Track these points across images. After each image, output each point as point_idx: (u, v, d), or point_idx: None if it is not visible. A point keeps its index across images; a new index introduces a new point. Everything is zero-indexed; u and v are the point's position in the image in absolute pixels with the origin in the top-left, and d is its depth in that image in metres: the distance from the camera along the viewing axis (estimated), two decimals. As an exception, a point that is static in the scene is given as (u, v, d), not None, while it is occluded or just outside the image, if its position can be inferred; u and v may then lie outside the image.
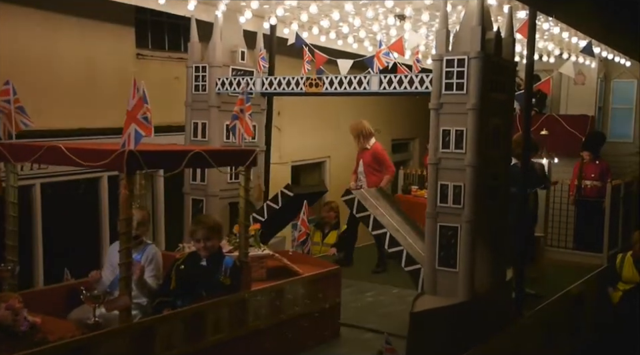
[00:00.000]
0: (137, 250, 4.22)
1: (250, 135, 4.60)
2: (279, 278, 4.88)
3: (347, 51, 8.33)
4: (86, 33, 7.18)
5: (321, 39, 8.09)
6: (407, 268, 5.47)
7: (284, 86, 5.94)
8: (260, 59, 6.34)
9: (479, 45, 4.98)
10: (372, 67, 5.59)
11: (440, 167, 5.19)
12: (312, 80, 5.77)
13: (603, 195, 9.08)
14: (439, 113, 5.16)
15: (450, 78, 5.09)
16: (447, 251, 5.16)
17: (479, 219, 5.10)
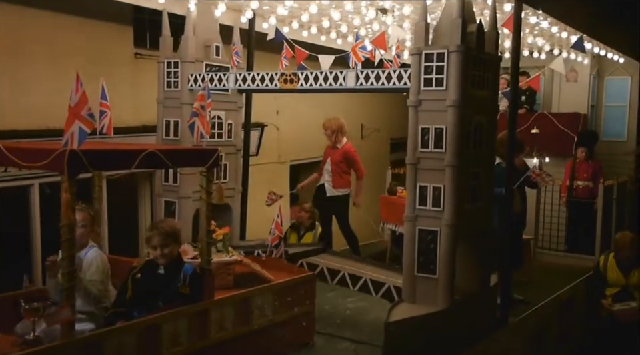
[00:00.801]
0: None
1: (208, 133, 4.32)
2: (248, 285, 4.61)
3: (332, 46, 8.07)
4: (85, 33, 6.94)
5: (302, 35, 7.82)
6: (379, 295, 5.23)
7: (258, 82, 5.66)
8: (233, 53, 6.06)
9: (459, 38, 4.71)
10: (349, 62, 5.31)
11: (419, 168, 4.92)
12: (287, 76, 5.49)
13: (596, 196, 8.84)
14: (418, 110, 4.89)
15: (429, 73, 4.81)
16: (426, 256, 4.89)
17: (460, 222, 4.83)
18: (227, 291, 4.45)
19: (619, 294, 7.06)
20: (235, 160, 6.59)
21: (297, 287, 4.84)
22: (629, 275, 7.06)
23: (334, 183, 7.34)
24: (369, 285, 5.31)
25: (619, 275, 7.12)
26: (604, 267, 7.32)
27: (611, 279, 7.20)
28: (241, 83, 5.74)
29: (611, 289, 7.23)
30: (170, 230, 3.98)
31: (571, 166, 9.19)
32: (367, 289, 5.32)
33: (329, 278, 5.49)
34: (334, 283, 5.49)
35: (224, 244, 4.78)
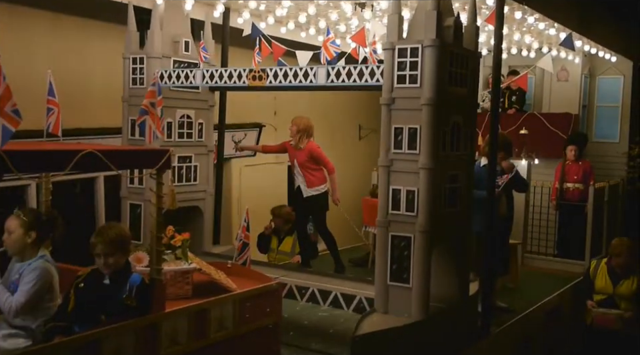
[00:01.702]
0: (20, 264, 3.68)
1: (161, 132, 4.02)
2: (208, 295, 4.30)
3: (312, 43, 7.77)
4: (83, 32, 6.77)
5: (281, 31, 7.54)
6: (350, 308, 4.97)
7: (226, 79, 5.37)
8: (200, 49, 5.76)
9: (434, 32, 4.42)
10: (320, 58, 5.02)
11: (392, 170, 4.63)
12: (255, 73, 5.20)
13: (586, 199, 8.54)
14: (391, 108, 4.61)
15: (402, 69, 4.53)
16: (399, 264, 4.60)
17: (435, 227, 4.54)
18: (184, 302, 4.14)
19: (603, 303, 6.77)
20: (206, 161, 6.31)
21: (262, 296, 4.52)
22: (618, 284, 6.76)
23: (308, 183, 7.03)
24: (339, 299, 5.03)
25: (608, 283, 6.82)
26: (594, 273, 7.02)
27: (599, 286, 6.90)
28: (208, 79, 5.45)
29: (597, 297, 6.94)
30: (116, 237, 3.67)
31: (561, 168, 8.89)
32: (337, 303, 5.05)
33: (298, 296, 5.21)
34: (304, 301, 5.20)
35: (183, 251, 4.47)
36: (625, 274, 6.79)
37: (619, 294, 6.77)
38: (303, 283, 5.22)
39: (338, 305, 5.03)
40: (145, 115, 3.92)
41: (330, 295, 5.07)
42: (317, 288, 5.12)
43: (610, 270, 6.83)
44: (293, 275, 5.50)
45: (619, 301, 6.80)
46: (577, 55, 9.50)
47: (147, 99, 3.99)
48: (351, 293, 5.00)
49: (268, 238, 7.82)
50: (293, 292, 5.22)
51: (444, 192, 4.68)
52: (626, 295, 6.76)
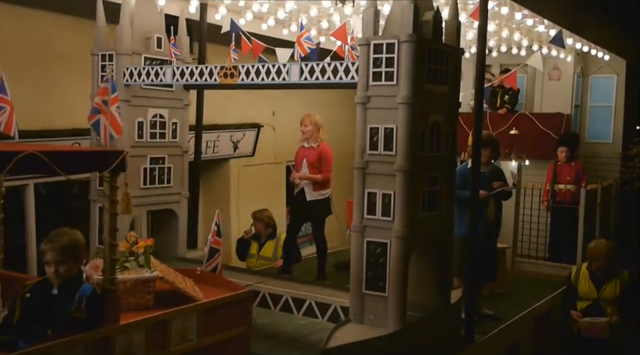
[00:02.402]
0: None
1: (119, 132, 3.78)
2: (172, 305, 4.06)
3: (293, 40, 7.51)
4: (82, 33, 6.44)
5: (262, 28, 7.31)
6: (325, 317, 4.73)
7: (196, 76, 5.12)
8: (171, 45, 5.51)
9: (411, 27, 4.18)
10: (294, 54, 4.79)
11: (367, 172, 4.39)
12: (227, 70, 4.96)
13: (578, 201, 8.31)
14: (366, 107, 4.37)
15: (378, 66, 4.28)
16: (375, 271, 4.36)
17: (414, 233, 4.30)
18: (144, 313, 3.90)
19: (589, 309, 6.55)
20: (180, 162, 6.06)
21: (230, 305, 4.29)
22: (602, 288, 6.53)
23: (314, 187, 6.76)
24: (314, 308, 4.78)
25: (591, 288, 6.59)
26: (575, 279, 6.79)
27: (582, 292, 6.67)
28: (179, 77, 5.20)
29: (581, 303, 6.70)
30: (68, 244, 3.43)
31: (553, 169, 8.66)
32: (312, 312, 4.80)
33: (272, 304, 4.96)
34: (277, 310, 4.95)
35: (146, 258, 4.23)
36: (607, 277, 6.59)
37: (604, 298, 6.57)
38: (276, 290, 4.98)
39: (312, 314, 4.79)
40: (98, 113, 3.67)
41: (304, 303, 4.82)
42: (290, 296, 4.88)
43: (591, 275, 6.62)
44: (268, 282, 5.26)
45: (605, 305, 6.59)
46: (568, 54, 9.27)
47: (99, 96, 3.74)
48: (326, 301, 4.76)
49: (247, 243, 7.58)
50: (267, 300, 4.98)
51: (423, 195, 4.43)
52: (611, 298, 6.55)
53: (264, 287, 5.07)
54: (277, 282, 5.27)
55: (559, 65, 9.48)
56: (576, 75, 9.55)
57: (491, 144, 6.21)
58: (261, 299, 5.01)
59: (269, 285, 5.12)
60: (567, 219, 8.44)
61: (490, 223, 6.15)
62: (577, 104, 9.71)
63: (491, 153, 6.18)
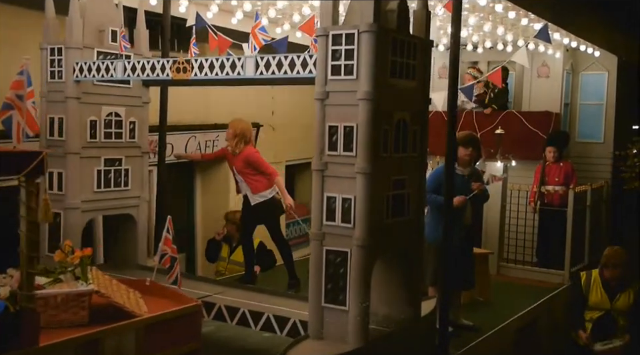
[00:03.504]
0: None
1: (35, 129, 3.41)
2: (108, 322, 3.70)
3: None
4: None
5: (232, 22, 6.95)
6: (284, 332, 4.37)
7: (148, 71, 4.76)
8: (121, 37, 5.15)
9: (372, 16, 3.81)
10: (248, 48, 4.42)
11: (326, 175, 4.02)
12: (179, 64, 4.59)
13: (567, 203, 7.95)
14: (325, 104, 4.00)
15: (337, 59, 3.92)
16: (335, 283, 3.99)
17: (377, 241, 3.94)
18: (77, 331, 3.54)
19: (601, 320, 6.17)
20: (139, 164, 5.70)
21: (176, 321, 3.92)
22: (615, 298, 6.17)
23: (253, 189, 6.42)
24: (272, 322, 4.42)
25: (604, 298, 6.22)
26: (586, 287, 6.40)
27: (594, 301, 6.29)
28: (130, 72, 4.83)
29: (591, 313, 6.32)
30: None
31: (541, 170, 8.30)
32: (270, 327, 4.44)
33: (228, 318, 4.60)
34: (234, 324, 4.59)
35: (82, 269, 3.86)
36: (621, 287, 6.22)
37: (617, 309, 6.20)
38: (233, 303, 4.61)
39: (271, 328, 4.43)
40: (10, 109, 3.31)
41: (262, 317, 4.46)
42: (248, 309, 4.52)
43: (604, 283, 6.24)
44: (227, 292, 4.90)
45: (617, 316, 6.23)
46: (557, 50, 8.91)
47: (12, 90, 3.37)
48: (284, 315, 4.40)
49: (218, 245, 7.22)
50: (222, 314, 4.61)
51: (387, 200, 4.07)
52: (624, 310, 6.19)
53: (220, 298, 4.71)
54: (236, 293, 4.91)
55: (547, 61, 9.11)
56: (565, 72, 9.17)
57: (473, 143, 5.85)
58: (216, 312, 4.65)
59: (227, 297, 4.76)
60: (556, 222, 8.08)
61: (467, 228, 5.79)
62: (566, 102, 9.34)
63: (472, 153, 5.83)
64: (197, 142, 8.76)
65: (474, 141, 5.88)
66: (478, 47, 8.58)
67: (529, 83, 9.31)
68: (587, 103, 9.44)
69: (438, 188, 5.39)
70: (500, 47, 8.47)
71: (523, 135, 8.71)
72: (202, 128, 8.37)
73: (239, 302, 4.61)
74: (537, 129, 8.68)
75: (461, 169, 5.81)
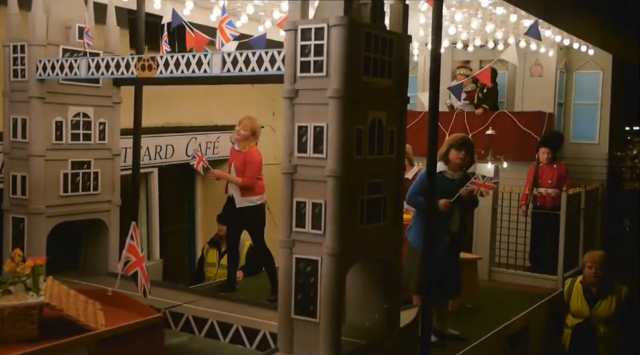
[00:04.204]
0: None
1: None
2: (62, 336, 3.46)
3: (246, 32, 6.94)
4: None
5: (211, 19, 6.71)
6: (254, 345, 4.14)
7: (112, 69, 4.52)
8: (85, 34, 4.91)
9: (342, 9, 3.57)
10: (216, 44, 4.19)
11: (295, 178, 3.78)
12: (144, 61, 4.35)
13: (561, 206, 7.71)
14: (294, 103, 3.76)
15: (306, 55, 3.68)
16: (305, 293, 3.74)
17: (350, 248, 3.69)
18: (23, 347, 3.31)
19: (580, 327, 5.97)
20: (110, 167, 5.46)
21: (134, 334, 3.70)
22: (595, 305, 5.96)
23: (242, 192, 6.20)
24: (241, 334, 4.18)
25: (584, 305, 6.03)
26: (568, 294, 6.23)
27: (575, 308, 6.12)
28: (94, 70, 4.59)
29: (573, 320, 6.15)
30: None
31: (534, 171, 8.05)
32: (239, 339, 4.20)
33: (196, 329, 4.36)
34: (202, 336, 4.35)
35: (34, 280, 3.62)
36: (602, 294, 6.02)
37: (597, 317, 6.00)
38: (201, 313, 4.37)
39: (240, 341, 4.19)
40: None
41: (231, 329, 4.22)
42: (216, 320, 4.27)
43: (585, 290, 6.05)
44: (198, 302, 4.65)
45: (597, 324, 6.02)
46: (550, 48, 8.67)
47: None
48: (254, 327, 4.16)
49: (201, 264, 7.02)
50: (191, 325, 4.37)
51: (361, 205, 3.83)
52: (604, 317, 5.98)
53: (189, 308, 4.47)
54: (207, 302, 4.67)
55: (540, 60, 8.88)
56: (559, 71, 8.94)
57: (467, 147, 5.54)
58: (184, 323, 4.40)
59: (196, 306, 4.52)
60: (549, 226, 7.85)
61: (453, 234, 5.54)
62: (560, 102, 9.10)
63: (465, 157, 5.52)
64: (197, 143, 8.61)
65: (467, 145, 5.55)
66: (468, 46, 8.33)
67: (522, 82, 9.08)
68: (582, 103, 9.21)
69: None
70: (491, 45, 8.22)
71: (515, 136, 8.49)
72: (203, 129, 8.21)
73: (207, 312, 4.37)
74: (529, 130, 8.45)
75: (452, 172, 5.56)
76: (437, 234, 5.39)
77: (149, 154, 8.07)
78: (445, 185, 5.49)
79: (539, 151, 7.99)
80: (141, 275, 4.27)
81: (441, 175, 5.54)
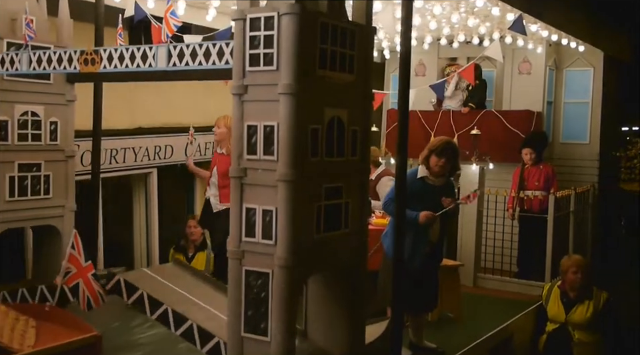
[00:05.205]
0: None
1: None
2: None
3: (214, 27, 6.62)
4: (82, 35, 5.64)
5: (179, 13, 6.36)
6: (205, 348, 3.78)
7: (55, 63, 4.17)
8: (25, 26, 4.56)
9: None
10: (162, 35, 3.86)
11: (245, 183, 3.44)
12: (87, 55, 4.01)
13: (548, 209, 7.38)
14: (243, 100, 3.42)
15: (255, 47, 3.34)
16: (255, 309, 3.41)
17: (303, 260, 3.35)
18: None
19: (555, 332, 5.71)
20: (63, 170, 5.11)
21: None
22: (571, 310, 5.68)
23: (221, 198, 5.90)
24: (194, 333, 3.85)
25: (560, 310, 5.77)
26: (546, 298, 5.97)
27: (551, 313, 5.88)
28: (35, 64, 4.24)
29: (549, 325, 5.90)
30: None
31: (519, 173, 7.72)
32: (191, 337, 3.88)
33: (149, 311, 4.04)
34: (153, 319, 4.02)
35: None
36: (579, 298, 5.75)
37: (573, 322, 5.75)
38: (160, 295, 4.06)
39: (191, 338, 3.86)
40: None
41: (185, 323, 3.89)
42: (172, 309, 3.95)
43: (562, 295, 5.79)
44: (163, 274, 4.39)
45: (572, 330, 5.76)
46: (539, 45, 8.33)
47: None
48: (210, 331, 3.82)
49: None
50: (144, 303, 4.05)
51: (318, 211, 3.48)
52: (580, 322, 5.73)
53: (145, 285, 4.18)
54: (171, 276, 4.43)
55: (529, 57, 8.53)
56: (548, 69, 8.60)
57: (447, 154, 5.16)
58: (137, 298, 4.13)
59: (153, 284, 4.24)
60: (536, 230, 7.51)
61: (433, 244, 5.19)
62: (549, 100, 8.77)
63: (445, 164, 5.15)
64: (196, 143, 8.35)
65: (449, 151, 5.16)
66: (453, 42, 7.99)
67: (510, 80, 8.73)
68: (572, 102, 8.89)
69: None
70: (476, 41, 7.87)
71: (502, 136, 8.17)
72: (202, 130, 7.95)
73: (165, 298, 4.04)
74: (516, 129, 8.12)
75: (433, 179, 5.21)
76: (415, 244, 5.09)
77: (148, 155, 7.89)
78: (426, 191, 5.17)
79: (522, 151, 7.66)
80: (84, 287, 3.94)
81: (422, 181, 5.22)
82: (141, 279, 4.31)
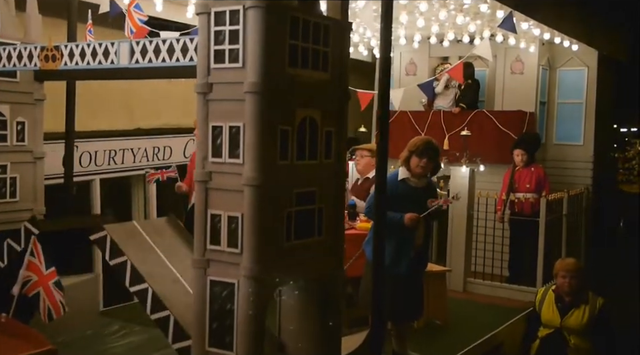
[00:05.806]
0: None
1: None
2: None
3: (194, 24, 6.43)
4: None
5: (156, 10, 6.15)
6: (176, 345, 3.55)
7: (15, 60, 3.97)
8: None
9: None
10: (125, 30, 3.66)
11: (210, 187, 3.23)
12: (47, 51, 3.80)
13: (544, 211, 7.18)
14: (207, 99, 3.22)
15: (220, 43, 3.13)
16: (220, 322, 3.20)
17: (272, 269, 3.15)
18: None
19: (549, 337, 5.50)
20: (31, 172, 4.90)
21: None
22: (567, 315, 5.48)
23: None
24: (169, 327, 3.63)
25: (555, 314, 5.56)
26: (540, 303, 5.76)
27: (545, 318, 5.66)
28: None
29: (543, 331, 5.69)
30: None
31: (510, 175, 7.51)
32: (165, 328, 3.65)
33: (128, 282, 3.79)
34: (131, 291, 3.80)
35: None
36: (575, 303, 5.55)
37: (568, 327, 5.53)
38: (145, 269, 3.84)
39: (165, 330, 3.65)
40: None
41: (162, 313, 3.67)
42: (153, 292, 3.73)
43: (557, 299, 5.59)
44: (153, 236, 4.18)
45: (568, 335, 5.54)
46: (532, 43, 8.12)
47: None
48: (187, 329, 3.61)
49: None
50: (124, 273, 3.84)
51: (288, 217, 3.27)
52: (576, 328, 5.51)
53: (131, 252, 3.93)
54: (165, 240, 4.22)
55: (521, 56, 8.33)
56: (541, 68, 8.39)
57: (428, 153, 4.97)
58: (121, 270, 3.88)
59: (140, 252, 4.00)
60: (528, 234, 7.31)
61: (418, 248, 4.99)
62: (542, 101, 8.57)
63: (426, 164, 4.96)
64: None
65: (429, 151, 4.97)
66: (443, 40, 7.79)
67: (502, 79, 8.53)
68: (565, 102, 8.68)
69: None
70: (467, 39, 7.67)
71: (494, 137, 7.96)
72: None
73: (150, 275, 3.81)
74: (508, 130, 7.92)
75: (415, 180, 5.02)
76: (400, 248, 4.89)
77: (147, 156, 7.76)
78: (409, 193, 4.98)
79: (513, 153, 7.46)
80: (45, 296, 3.73)
81: (404, 183, 5.03)
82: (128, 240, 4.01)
